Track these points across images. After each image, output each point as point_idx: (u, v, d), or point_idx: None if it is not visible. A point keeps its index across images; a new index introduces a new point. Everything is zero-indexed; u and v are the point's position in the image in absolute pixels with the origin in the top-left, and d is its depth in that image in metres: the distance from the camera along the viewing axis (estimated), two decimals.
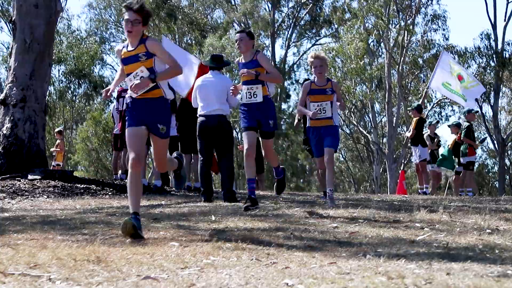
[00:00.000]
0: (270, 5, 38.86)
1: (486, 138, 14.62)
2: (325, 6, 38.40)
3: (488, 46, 32.55)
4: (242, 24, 38.67)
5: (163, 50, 5.46)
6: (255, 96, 7.48)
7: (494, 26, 32.16)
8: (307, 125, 8.36)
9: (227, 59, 9.67)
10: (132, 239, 5.02)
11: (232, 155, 9.23)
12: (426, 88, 14.88)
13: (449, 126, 15.28)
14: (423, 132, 14.17)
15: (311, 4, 38.35)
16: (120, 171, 12.83)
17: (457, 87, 14.29)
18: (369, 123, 36.67)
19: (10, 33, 18.97)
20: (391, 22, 30.82)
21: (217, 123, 8.74)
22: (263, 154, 8.54)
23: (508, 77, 34.54)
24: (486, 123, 34.49)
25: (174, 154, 6.42)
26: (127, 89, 12.88)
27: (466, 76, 14.53)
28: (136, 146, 5.37)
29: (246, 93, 7.52)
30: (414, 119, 14.08)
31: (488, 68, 32.74)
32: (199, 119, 8.86)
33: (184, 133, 10.93)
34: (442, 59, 14.89)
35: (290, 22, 39.48)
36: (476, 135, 15.15)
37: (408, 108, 15.70)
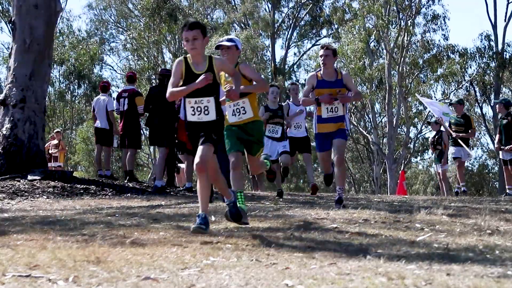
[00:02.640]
0: (270, 6, 38.89)
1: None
2: (325, 6, 38.44)
3: (489, 47, 32.58)
4: (242, 25, 38.71)
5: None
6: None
7: (494, 27, 32.19)
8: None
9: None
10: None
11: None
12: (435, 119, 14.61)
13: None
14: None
15: (311, 4, 38.37)
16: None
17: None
18: (369, 124, 36.71)
19: (10, 34, 18.97)
20: (391, 22, 30.84)
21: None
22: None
23: (508, 77, 34.57)
24: (487, 124, 34.50)
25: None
26: (128, 90, 13.04)
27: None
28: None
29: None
30: (471, 117, 13.74)
31: (488, 68, 32.77)
32: None
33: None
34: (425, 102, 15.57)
35: (290, 22, 39.52)
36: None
37: (451, 102, 15.29)
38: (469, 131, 13.40)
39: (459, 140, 13.26)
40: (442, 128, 14.37)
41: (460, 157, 13.41)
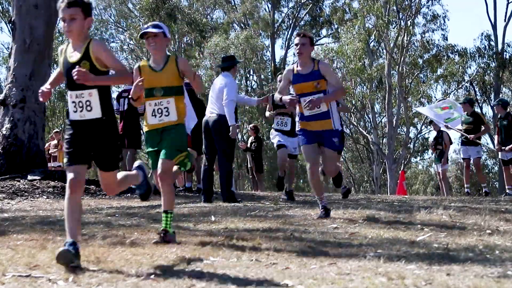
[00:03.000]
0: (270, 5, 38.89)
1: None
2: (325, 6, 38.46)
3: (489, 47, 32.59)
4: (242, 25, 38.72)
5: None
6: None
7: (494, 27, 32.18)
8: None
9: (235, 59, 9.59)
10: None
11: (232, 155, 9.23)
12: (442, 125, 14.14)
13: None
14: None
15: (311, 4, 38.38)
16: None
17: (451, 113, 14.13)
18: (369, 124, 36.72)
19: (10, 34, 18.97)
20: (391, 22, 30.86)
21: (216, 123, 8.80)
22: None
23: (508, 77, 34.57)
24: None
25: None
26: (129, 90, 13.02)
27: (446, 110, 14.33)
28: None
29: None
30: (480, 114, 13.34)
31: (488, 68, 32.78)
32: (203, 120, 9.01)
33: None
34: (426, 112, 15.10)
35: (290, 22, 39.51)
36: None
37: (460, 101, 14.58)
38: (482, 127, 13.18)
39: (476, 140, 13.04)
40: (442, 128, 14.28)
41: (468, 158, 13.25)
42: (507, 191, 12.72)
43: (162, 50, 5.32)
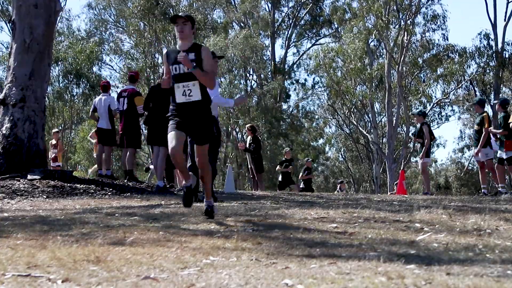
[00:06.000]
0: (270, 5, 38.90)
1: None
2: (325, 6, 38.47)
3: (488, 46, 32.58)
4: (242, 24, 38.72)
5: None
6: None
7: (494, 26, 32.17)
8: None
9: (215, 54, 9.14)
10: None
11: (217, 154, 9.14)
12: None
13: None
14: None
15: (311, 4, 38.37)
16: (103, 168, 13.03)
17: None
18: (369, 123, 36.73)
19: (10, 33, 18.97)
20: (391, 22, 30.86)
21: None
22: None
23: (508, 77, 34.58)
24: None
25: None
26: (127, 89, 12.97)
27: None
28: None
29: None
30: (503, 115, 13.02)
31: (487, 68, 32.78)
32: None
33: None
34: None
35: (290, 22, 39.54)
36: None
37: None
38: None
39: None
40: (425, 120, 14.49)
41: (482, 161, 13.15)
42: (500, 189, 12.76)
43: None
